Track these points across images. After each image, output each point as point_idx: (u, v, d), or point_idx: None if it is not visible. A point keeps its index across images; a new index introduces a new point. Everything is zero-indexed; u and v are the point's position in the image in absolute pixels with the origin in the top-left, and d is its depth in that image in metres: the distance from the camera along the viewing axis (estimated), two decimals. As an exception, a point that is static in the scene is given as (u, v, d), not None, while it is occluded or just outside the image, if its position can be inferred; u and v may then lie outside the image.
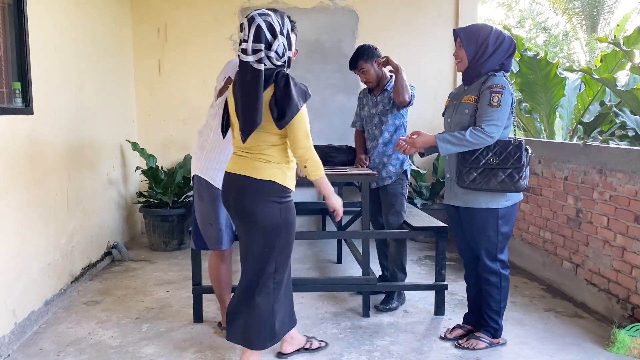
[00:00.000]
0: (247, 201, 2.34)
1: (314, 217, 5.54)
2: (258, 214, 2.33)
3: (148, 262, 4.51)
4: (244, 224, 2.41)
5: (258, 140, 2.31)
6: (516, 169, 2.64)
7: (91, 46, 4.16)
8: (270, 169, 2.33)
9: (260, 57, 2.21)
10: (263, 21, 2.22)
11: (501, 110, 2.63)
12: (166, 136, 5.35)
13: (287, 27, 2.31)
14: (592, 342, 2.98)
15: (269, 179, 2.32)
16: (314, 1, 5.38)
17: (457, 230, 2.95)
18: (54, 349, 2.87)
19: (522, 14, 16.90)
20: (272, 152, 2.33)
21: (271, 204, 2.34)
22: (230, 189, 2.40)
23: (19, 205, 2.96)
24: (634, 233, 3.06)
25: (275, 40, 2.24)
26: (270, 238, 2.37)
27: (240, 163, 2.37)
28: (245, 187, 2.33)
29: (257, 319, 2.42)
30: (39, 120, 3.19)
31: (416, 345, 2.94)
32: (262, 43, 2.21)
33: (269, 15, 2.25)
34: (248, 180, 2.33)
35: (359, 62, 3.45)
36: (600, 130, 4.59)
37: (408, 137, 2.83)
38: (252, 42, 2.21)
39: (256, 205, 2.33)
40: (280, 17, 2.30)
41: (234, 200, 2.38)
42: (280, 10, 2.36)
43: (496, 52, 2.69)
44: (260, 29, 2.21)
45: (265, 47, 2.22)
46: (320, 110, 5.42)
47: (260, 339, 2.45)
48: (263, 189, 2.32)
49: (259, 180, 2.32)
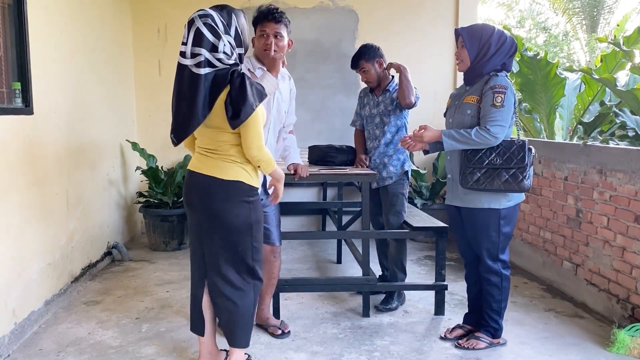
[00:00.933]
0: (215, 202, 2.31)
1: (314, 217, 5.54)
2: (228, 214, 2.31)
3: (148, 262, 4.51)
4: (209, 224, 2.36)
5: (219, 140, 2.28)
6: (520, 168, 2.64)
7: (91, 46, 4.16)
8: (235, 169, 2.30)
9: (200, 60, 2.17)
10: (203, 24, 2.18)
11: (505, 111, 2.63)
12: (166, 136, 5.25)
13: (234, 24, 2.26)
14: (592, 342, 2.98)
15: (235, 179, 2.30)
16: (314, 1, 5.38)
17: (459, 231, 2.95)
18: (54, 349, 2.87)
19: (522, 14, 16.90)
20: (235, 152, 2.30)
21: (241, 203, 2.33)
22: (195, 189, 2.36)
23: (19, 205, 2.96)
24: (634, 233, 3.06)
25: (219, 41, 2.20)
26: (243, 238, 2.36)
27: (205, 162, 2.33)
28: (212, 188, 2.30)
29: (239, 319, 2.43)
30: (39, 120, 3.19)
31: (416, 345, 2.94)
32: (202, 47, 2.17)
33: (209, 16, 2.20)
34: (214, 180, 2.29)
35: (360, 61, 3.45)
36: (600, 130, 4.59)
37: (415, 132, 2.84)
38: (191, 46, 2.18)
39: (225, 206, 2.30)
40: (227, 15, 2.25)
41: (200, 200, 2.34)
42: (229, 6, 2.30)
43: (498, 52, 2.69)
44: (200, 32, 2.17)
45: (210, 49, 2.18)
46: (320, 110, 5.43)
47: (245, 336, 2.48)
48: (230, 190, 2.30)
49: (225, 181, 2.29)
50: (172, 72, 2.36)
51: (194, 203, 2.39)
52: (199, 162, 2.36)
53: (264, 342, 2.96)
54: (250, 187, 2.35)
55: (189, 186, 2.40)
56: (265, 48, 2.75)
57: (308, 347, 2.91)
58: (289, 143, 3.07)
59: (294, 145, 3.11)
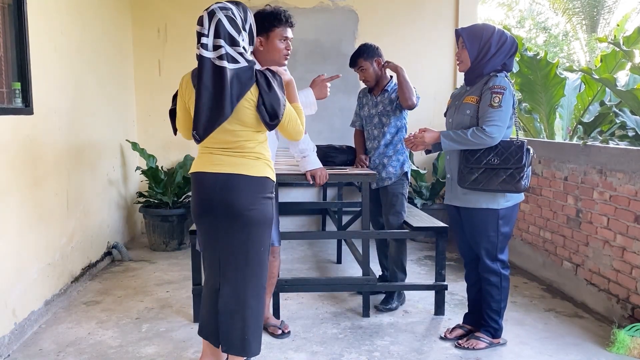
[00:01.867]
0: (243, 200, 2.22)
1: (314, 217, 5.54)
2: (256, 212, 2.24)
3: (148, 262, 4.51)
4: (232, 224, 2.26)
5: (241, 139, 2.22)
6: (517, 169, 2.64)
7: (91, 46, 4.16)
8: (261, 165, 2.26)
9: (221, 53, 2.09)
10: (224, 16, 2.10)
11: (502, 111, 2.63)
12: (166, 136, 5.34)
13: (249, 22, 2.22)
14: (592, 342, 2.98)
15: (262, 175, 2.26)
16: (314, 1, 5.38)
17: (458, 230, 2.95)
18: (54, 349, 2.87)
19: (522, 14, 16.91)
20: (259, 149, 2.27)
21: (266, 200, 2.28)
22: (217, 189, 2.24)
23: (19, 205, 2.96)
24: (634, 233, 3.06)
25: (239, 35, 2.14)
26: (265, 236, 2.32)
27: (224, 161, 2.24)
28: (240, 186, 2.22)
29: (254, 323, 2.32)
30: (39, 120, 3.19)
31: (416, 345, 2.94)
32: (222, 39, 2.09)
33: (230, 9, 2.14)
34: (241, 178, 2.22)
35: (358, 59, 3.45)
36: (600, 130, 4.59)
37: (417, 133, 2.85)
38: (212, 38, 2.09)
39: (254, 203, 2.23)
40: (243, 11, 2.20)
41: (223, 200, 2.23)
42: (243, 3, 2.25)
43: (499, 52, 2.70)
44: (222, 24, 2.09)
45: (229, 43, 2.10)
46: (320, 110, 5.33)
47: (257, 343, 2.36)
48: (259, 186, 2.25)
49: (254, 177, 2.23)
50: (172, 72, 2.35)
51: (214, 205, 2.25)
52: (215, 162, 2.25)
53: (264, 342, 2.95)
54: (273, 182, 2.34)
55: (208, 188, 2.25)
56: (286, 54, 2.62)
57: (308, 347, 2.91)
58: (304, 145, 3.01)
59: (310, 147, 3.04)
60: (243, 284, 2.30)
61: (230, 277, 2.30)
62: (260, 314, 2.37)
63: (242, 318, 2.30)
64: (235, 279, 2.30)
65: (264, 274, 2.36)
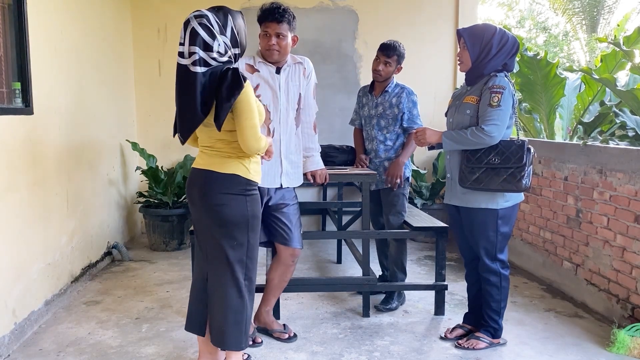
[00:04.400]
0: (212, 195, 2.33)
1: (314, 217, 5.54)
2: (224, 207, 2.33)
3: (148, 262, 4.51)
4: (207, 218, 2.37)
5: (214, 138, 2.34)
6: (518, 168, 2.64)
7: (91, 46, 4.16)
8: (233, 163, 2.34)
9: (195, 59, 2.21)
10: (198, 24, 2.22)
11: (501, 110, 2.64)
12: (166, 136, 5.33)
13: (230, 25, 2.29)
14: (592, 342, 2.98)
15: (232, 172, 2.34)
16: (314, 1, 5.38)
17: (458, 230, 2.95)
18: (54, 349, 2.87)
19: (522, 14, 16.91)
20: (231, 149, 2.34)
21: (237, 197, 2.35)
22: (194, 183, 2.40)
23: (19, 205, 2.96)
24: (634, 233, 3.06)
25: (214, 40, 2.23)
26: (239, 232, 2.37)
27: (204, 159, 2.39)
28: (209, 181, 2.34)
29: (232, 318, 2.39)
30: (39, 120, 3.19)
31: (416, 345, 2.94)
32: (197, 46, 2.21)
33: (204, 16, 2.24)
34: (211, 174, 2.34)
35: (395, 54, 3.37)
36: (600, 130, 4.59)
37: (419, 131, 2.87)
38: (187, 45, 2.22)
39: (222, 199, 2.33)
40: (223, 16, 2.28)
41: (198, 194, 2.37)
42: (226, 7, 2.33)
43: (500, 52, 2.70)
44: (195, 32, 2.21)
45: (203, 49, 2.21)
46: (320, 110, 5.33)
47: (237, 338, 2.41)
48: (227, 183, 2.33)
49: (222, 174, 2.33)
50: (172, 72, 2.36)
51: (194, 198, 2.41)
52: (200, 159, 2.42)
53: (264, 342, 2.96)
54: (247, 180, 2.37)
55: (189, 182, 2.45)
56: (267, 48, 2.74)
57: (308, 347, 2.91)
58: (309, 144, 3.02)
59: (315, 147, 3.05)
60: (219, 277, 2.40)
61: (211, 269, 2.43)
62: (240, 310, 2.39)
63: (220, 310, 2.39)
64: (215, 271, 2.41)
65: (243, 270, 2.40)
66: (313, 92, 3.00)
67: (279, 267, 2.94)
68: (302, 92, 2.91)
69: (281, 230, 2.84)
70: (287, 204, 2.84)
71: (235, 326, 2.40)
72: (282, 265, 2.93)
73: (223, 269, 2.38)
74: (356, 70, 5.46)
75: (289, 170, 2.86)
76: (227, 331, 2.40)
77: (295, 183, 2.90)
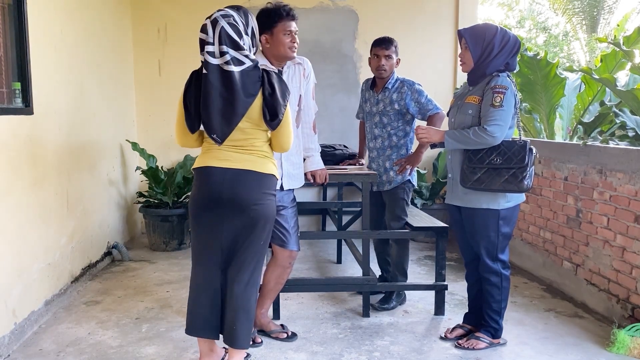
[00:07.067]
0: (253, 194, 2.32)
1: (314, 217, 5.54)
2: (264, 207, 2.35)
3: (148, 262, 4.50)
4: (242, 219, 2.33)
5: (251, 137, 2.33)
6: (520, 168, 2.64)
7: (91, 46, 4.16)
8: (268, 163, 2.38)
9: (227, 59, 2.21)
10: (227, 23, 2.22)
11: (504, 110, 2.63)
12: (166, 136, 5.33)
13: (251, 24, 2.32)
14: (592, 342, 2.98)
15: (270, 172, 2.37)
16: (314, 1, 5.38)
17: (459, 230, 2.95)
18: (54, 349, 2.87)
19: (522, 14, 16.90)
20: (267, 148, 2.39)
21: (270, 197, 2.39)
22: (228, 182, 2.31)
23: (19, 205, 2.96)
24: (634, 233, 3.06)
25: (241, 39, 2.25)
26: (266, 232, 2.41)
27: (234, 157, 2.33)
28: (250, 181, 2.32)
29: (249, 316, 2.41)
30: (39, 120, 3.19)
31: (416, 345, 2.94)
32: (227, 45, 2.21)
33: (231, 15, 2.25)
34: (252, 173, 2.32)
35: (393, 45, 3.35)
36: (600, 130, 4.58)
37: (421, 129, 2.86)
38: (217, 45, 2.21)
39: (261, 198, 2.34)
40: (244, 15, 2.30)
41: (234, 194, 2.30)
42: (243, 7, 2.35)
43: (501, 52, 2.70)
44: (225, 31, 2.21)
45: (233, 47, 2.21)
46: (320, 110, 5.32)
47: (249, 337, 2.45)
48: (265, 183, 2.35)
49: (262, 174, 2.34)
50: (172, 72, 2.37)
51: (223, 199, 2.31)
52: (224, 158, 2.33)
53: (264, 342, 2.96)
54: (277, 180, 2.45)
55: (216, 182, 2.32)
56: (291, 47, 2.66)
57: (308, 347, 2.91)
58: (309, 144, 3.01)
59: (315, 147, 3.05)
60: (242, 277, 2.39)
61: (233, 269, 2.39)
62: (254, 308, 2.46)
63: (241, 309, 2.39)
64: (238, 271, 2.38)
65: (259, 270, 2.47)
66: (312, 92, 3.00)
67: (276, 269, 2.95)
68: (302, 93, 2.90)
69: (279, 233, 2.84)
70: (285, 206, 2.85)
71: (248, 324, 2.42)
72: (279, 267, 2.94)
73: (247, 268, 2.39)
74: (356, 70, 5.46)
75: (290, 172, 2.85)
76: (240, 329, 2.39)
77: (296, 184, 2.90)
